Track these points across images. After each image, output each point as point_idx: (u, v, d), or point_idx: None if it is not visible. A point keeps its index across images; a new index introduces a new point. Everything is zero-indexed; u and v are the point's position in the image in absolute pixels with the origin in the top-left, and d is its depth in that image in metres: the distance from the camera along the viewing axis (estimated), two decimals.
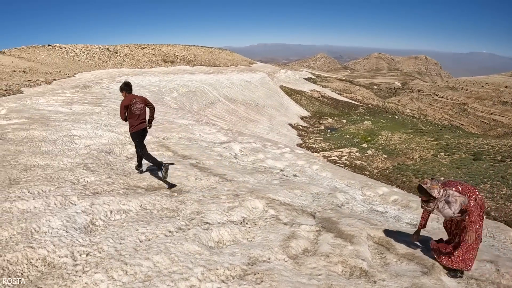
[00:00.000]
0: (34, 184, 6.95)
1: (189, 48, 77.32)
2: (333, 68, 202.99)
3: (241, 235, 5.41)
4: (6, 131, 11.09)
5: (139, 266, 4.22)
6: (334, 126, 53.03)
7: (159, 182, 7.83)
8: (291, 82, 78.71)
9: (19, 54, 35.47)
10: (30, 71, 28.62)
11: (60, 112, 16.33)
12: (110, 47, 51.87)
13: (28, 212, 5.70)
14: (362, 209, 7.19)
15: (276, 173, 9.65)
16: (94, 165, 8.89)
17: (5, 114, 14.44)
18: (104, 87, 28.74)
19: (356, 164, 32.88)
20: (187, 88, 37.59)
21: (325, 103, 70.36)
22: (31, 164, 8.36)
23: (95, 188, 7.13)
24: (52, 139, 10.79)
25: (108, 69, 38.81)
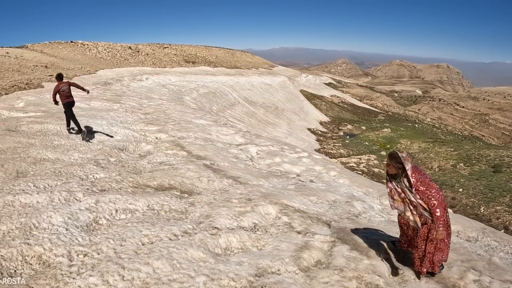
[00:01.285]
0: (41, 178, 6.80)
1: (211, 49, 77.55)
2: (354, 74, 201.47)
3: (251, 242, 5.10)
4: (21, 124, 11.06)
5: (137, 271, 3.95)
6: (353, 132, 52.50)
7: (170, 182, 7.60)
8: (311, 87, 78.23)
9: (42, 50, 36.07)
10: (52, 66, 28.98)
11: (78, 107, 16.33)
12: (132, 45, 52.32)
13: (30, 206, 5.51)
14: (380, 219, 6.79)
15: (292, 178, 9.33)
16: (105, 161, 8.73)
17: (23, 107, 14.51)
18: (124, 85, 28.94)
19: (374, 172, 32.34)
20: (207, 89, 37.55)
21: (345, 109, 69.53)
22: (41, 158, 8.24)
23: (103, 185, 6.93)
24: (65, 134, 10.72)
25: (129, 67, 39.09)
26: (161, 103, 22.00)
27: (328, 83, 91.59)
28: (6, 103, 15.36)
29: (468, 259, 5.18)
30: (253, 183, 8.06)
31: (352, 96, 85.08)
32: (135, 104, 19.86)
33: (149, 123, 14.19)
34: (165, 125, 14.23)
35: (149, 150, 10.51)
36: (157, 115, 16.67)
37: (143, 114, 16.53)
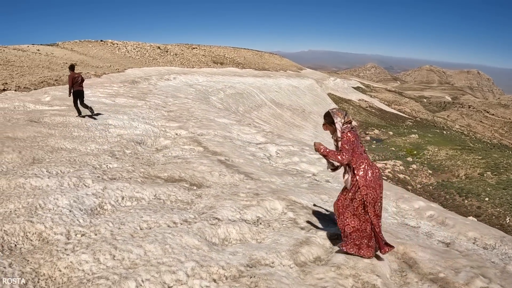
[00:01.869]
0: (55, 165, 7.09)
1: (239, 51, 78.22)
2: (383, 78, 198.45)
3: (251, 235, 5.14)
4: (44, 116, 11.55)
5: (128, 252, 4.08)
6: (380, 137, 51.79)
7: (181, 174, 7.75)
8: (339, 90, 77.65)
9: (72, 48, 37.44)
10: (81, 64, 30.06)
11: (102, 103, 16.90)
12: (161, 45, 53.48)
13: (39, 189, 5.78)
14: (392, 221, 6.69)
15: (307, 177, 9.32)
16: (120, 153, 9.00)
17: (49, 101, 15.12)
18: (151, 84, 29.58)
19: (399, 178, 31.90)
20: (234, 89, 37.89)
21: (373, 114, 68.59)
22: (58, 147, 8.59)
23: (114, 174, 7.16)
24: (86, 126, 11.11)
25: (157, 67, 39.99)
26: (186, 102, 22.38)
27: (356, 87, 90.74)
28: (34, 97, 16.04)
29: (479, 265, 5.03)
30: (265, 179, 8.12)
31: (380, 101, 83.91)
32: (160, 102, 20.29)
33: (170, 120, 14.48)
34: (187, 122, 14.48)
35: (166, 145, 10.74)
36: (180, 113, 16.97)
37: (167, 112, 16.88)
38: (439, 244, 5.74)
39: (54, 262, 3.83)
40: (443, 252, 5.12)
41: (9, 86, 19.65)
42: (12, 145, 7.93)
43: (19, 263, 3.78)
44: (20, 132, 9.15)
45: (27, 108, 13.45)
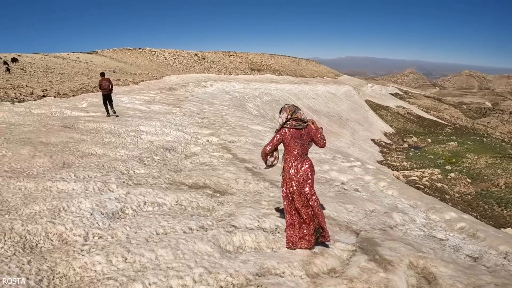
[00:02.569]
0: (83, 170, 7.50)
1: (276, 58, 78.87)
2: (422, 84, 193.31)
3: (267, 243, 5.23)
4: (78, 122, 12.17)
5: (140, 256, 4.28)
6: (418, 145, 50.66)
7: (205, 181, 7.96)
8: (377, 97, 76.49)
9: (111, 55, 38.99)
10: (120, 71, 31.29)
11: (137, 109, 17.57)
12: (198, 53, 54.71)
13: (65, 192, 6.15)
14: (418, 233, 6.57)
15: (335, 185, 9.30)
16: (149, 159, 9.35)
17: (85, 107, 15.89)
18: (188, 90, 30.36)
19: (436, 186, 31.10)
20: (270, 96, 38.19)
21: (411, 121, 67.01)
22: (89, 152, 9.06)
23: (139, 180, 7.47)
24: (118, 133, 11.60)
25: (195, 74, 40.96)
26: (221, 109, 22.81)
27: (394, 94, 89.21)
28: (71, 103, 16.90)
29: (505, 283, 4.86)
30: None
31: (419, 107, 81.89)
32: (195, 108, 20.81)
33: (203, 127, 14.83)
34: (219, 129, 14.78)
35: (196, 152, 11.03)
36: (214, 120, 17.33)
37: (200, 119, 17.29)
38: (466, 259, 5.59)
39: (69, 262, 4.10)
40: (467, 268, 4.99)
41: (48, 93, 20.77)
42: (44, 150, 8.45)
43: (38, 261, 4.08)
44: (53, 137, 9.72)
45: (64, 114, 14.21)
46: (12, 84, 21.19)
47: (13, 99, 18.75)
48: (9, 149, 8.34)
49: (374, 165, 25.11)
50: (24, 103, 16.97)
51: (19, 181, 6.48)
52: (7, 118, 12.15)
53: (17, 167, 7.31)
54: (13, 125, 11.23)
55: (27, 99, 19.10)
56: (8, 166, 7.25)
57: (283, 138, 4.82)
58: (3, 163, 7.38)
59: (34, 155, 8.05)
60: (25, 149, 8.39)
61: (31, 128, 10.77)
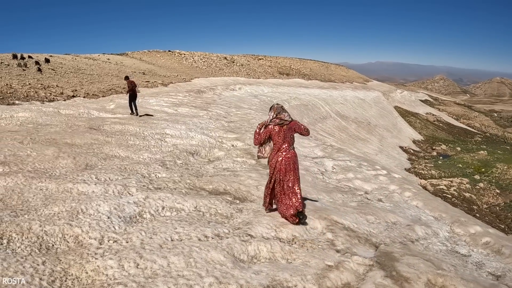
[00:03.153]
0: (104, 172, 7.69)
1: (305, 62, 78.98)
2: (452, 91, 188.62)
3: (282, 254, 5.22)
4: (105, 123, 12.49)
5: (152, 262, 4.36)
6: (447, 153, 49.56)
7: (226, 187, 8.02)
8: (406, 103, 75.29)
9: (141, 57, 39.85)
10: (149, 73, 31.91)
11: (164, 112, 17.88)
12: (227, 56, 55.23)
13: (84, 194, 6.33)
14: (440, 248, 6.41)
15: (359, 195, 9.20)
16: (171, 163, 9.49)
17: (112, 109, 16.29)
18: (216, 94, 30.63)
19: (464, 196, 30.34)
20: (299, 101, 38.13)
21: (440, 128, 65.52)
22: (112, 154, 9.28)
23: (159, 184, 7.60)
24: (143, 135, 11.84)
25: (223, 77, 41.32)
26: (249, 113, 22.91)
27: (424, 100, 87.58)
28: (99, 104, 17.36)
29: None
30: (311, 196, 8.15)
31: (449, 115, 80.00)
32: (222, 112, 20.99)
33: (229, 131, 14.94)
34: (245, 133, 14.85)
35: (219, 157, 11.12)
36: (240, 124, 17.42)
37: (227, 122, 17.42)
38: (488, 277, 5.42)
39: (82, 264, 4.22)
40: (489, 287, 4.85)
41: (78, 93, 21.40)
42: (68, 151, 8.72)
43: (52, 262, 4.22)
44: (78, 138, 10.03)
45: (91, 115, 14.62)
46: (43, 84, 21.95)
47: (43, 98, 19.42)
48: (34, 149, 8.65)
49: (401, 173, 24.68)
50: (54, 103, 17.55)
51: (41, 181, 6.70)
52: (35, 118, 12.60)
53: (40, 167, 7.57)
54: (40, 125, 11.65)
55: (57, 99, 19.74)
56: (32, 166, 7.52)
57: (270, 133, 6.09)
58: (27, 163, 7.66)
59: (58, 156, 8.32)
60: (50, 149, 8.68)
61: (57, 129, 11.14)
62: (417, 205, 8.84)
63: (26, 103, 17.62)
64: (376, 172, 11.62)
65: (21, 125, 11.51)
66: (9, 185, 6.34)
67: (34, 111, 13.65)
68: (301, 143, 15.51)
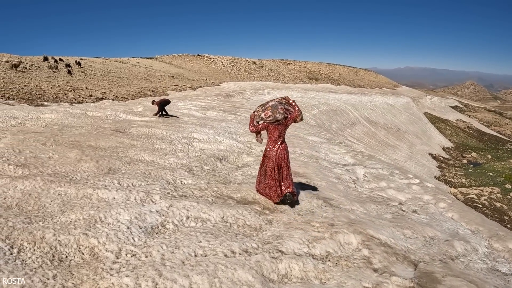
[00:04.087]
0: (128, 177, 7.35)
1: (334, 67, 78.24)
2: (482, 97, 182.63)
3: (315, 273, 4.71)
4: (131, 126, 12.24)
5: (172, 281, 3.92)
6: (477, 161, 47.88)
7: (255, 196, 7.57)
8: (436, 109, 73.27)
9: (170, 61, 40.03)
10: (178, 77, 31.90)
11: (192, 115, 17.61)
12: (256, 60, 55.12)
13: (104, 201, 5.98)
14: (481, 266, 5.76)
15: (393, 206, 8.63)
16: (198, 168, 9.10)
17: (140, 111, 16.11)
18: (245, 98, 30.36)
19: (495, 206, 29.07)
20: (328, 106, 37.53)
21: (471, 135, 63.37)
22: (137, 159, 8.96)
23: (185, 191, 7.20)
24: (169, 139, 11.52)
25: (252, 81, 41.10)
26: None
27: (454, 106, 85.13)
28: (127, 107, 17.24)
29: None
30: (345, 207, 7.62)
31: (479, 122, 77.32)
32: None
33: None
34: None
35: (248, 162, 10.69)
36: None
37: None
38: None
39: (96, 281, 3.83)
40: None
41: (107, 95, 21.43)
42: (91, 154, 8.44)
43: (64, 276, 3.86)
44: (103, 141, 9.76)
45: (118, 118, 14.44)
46: (72, 86, 22.10)
47: (72, 100, 19.51)
48: (57, 151, 8.42)
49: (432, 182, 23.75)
50: (82, 105, 17.56)
51: (60, 186, 6.41)
52: (61, 119, 12.48)
53: (61, 170, 7.31)
54: (65, 126, 11.49)
55: (86, 101, 19.80)
56: (52, 169, 7.26)
57: (266, 128, 6.94)
58: (48, 166, 7.40)
59: (81, 159, 8.05)
60: (73, 152, 8.43)
61: (82, 131, 10.94)
62: (453, 217, 8.24)
63: (54, 104, 17.70)
64: (409, 181, 11.04)
65: (46, 126, 11.37)
66: (26, 189, 6.06)
67: (60, 112, 13.57)
68: (331, 149, 14.94)
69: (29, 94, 19.09)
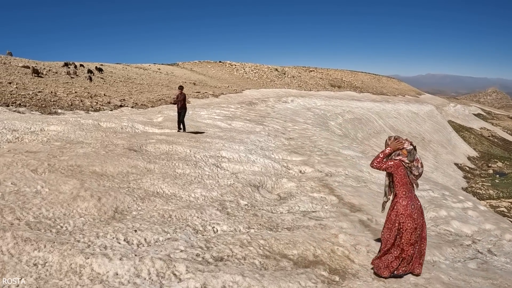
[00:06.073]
0: (139, 226, 4.90)
1: (356, 74, 75.52)
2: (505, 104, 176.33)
3: None
4: (149, 142, 9.84)
5: None
6: (503, 170, 45.11)
7: (316, 252, 5.12)
8: (459, 118, 69.84)
9: (191, 68, 37.94)
10: (199, 84, 29.71)
11: (217, 126, 15.22)
12: (278, 67, 52.90)
13: (100, 281, 3.53)
14: None
15: (467, 245, 6.37)
16: (233, 204, 6.66)
17: (160, 122, 13.73)
18: (269, 106, 27.99)
19: None
20: (352, 114, 35.05)
21: (495, 144, 59.92)
22: (153, 191, 6.51)
23: (220, 249, 4.74)
24: (194, 160, 9.08)
25: (274, 89, 38.78)
26: (306, 128, 20.04)
27: (477, 114, 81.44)
28: (146, 116, 14.91)
29: None
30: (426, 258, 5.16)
31: (503, 130, 73.67)
32: (279, 127, 18.19)
33: (292, 152, 12.11)
34: (311, 155, 11.96)
35: (291, 191, 8.22)
36: (302, 142, 14.58)
37: (287, 140, 14.60)
38: None
39: None
40: None
41: (126, 103, 19.20)
42: (93, 187, 6.00)
43: None
44: (111, 165, 7.32)
45: (135, 130, 12.07)
46: (90, 93, 19.93)
47: (88, 108, 17.32)
48: (48, 182, 6.02)
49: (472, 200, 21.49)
50: (97, 113, 15.35)
51: (39, 248, 4.01)
52: (67, 133, 10.12)
53: (47, 216, 4.90)
54: (69, 143, 9.09)
55: (103, 109, 17.60)
56: (34, 215, 4.85)
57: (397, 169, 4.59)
58: (30, 209, 4.99)
59: (78, 195, 5.63)
60: (69, 184, 6.02)
61: (88, 150, 8.52)
62: None
63: (69, 112, 15.52)
64: (462, 204, 9.17)
65: (46, 142, 9.01)
66: None
67: (69, 123, 11.25)
68: (365, 165, 12.35)
69: (43, 101, 16.96)
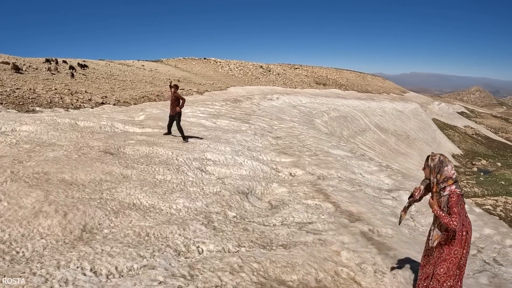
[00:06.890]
0: (109, 250, 4.02)
1: (341, 72, 75.14)
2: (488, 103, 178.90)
3: None
4: (128, 143, 8.89)
5: None
6: (487, 168, 45.58)
7: (318, 276, 4.36)
8: (444, 116, 70.21)
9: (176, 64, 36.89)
10: (184, 81, 28.71)
11: (201, 125, 14.30)
12: (263, 65, 52.13)
13: None
14: None
15: (473, 255, 5.78)
16: (220, 216, 5.80)
17: (142, 120, 12.75)
18: (254, 103, 27.18)
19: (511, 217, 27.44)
20: (338, 112, 34.50)
21: (479, 142, 60.43)
22: (129, 203, 5.60)
23: (207, 278, 3.90)
24: (176, 163, 8.18)
25: (260, 86, 37.99)
26: (293, 126, 19.27)
27: (460, 112, 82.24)
28: (128, 114, 13.89)
29: None
30: None
31: (487, 128, 74.52)
32: (265, 125, 17.37)
33: (281, 152, 11.32)
34: (300, 156, 11.19)
35: (283, 197, 7.41)
36: (290, 141, 13.79)
37: (274, 139, 13.79)
38: None
39: None
40: None
41: (108, 100, 18.13)
42: (59, 199, 5.05)
43: None
44: (83, 172, 6.36)
45: (114, 129, 11.07)
46: (70, 90, 18.75)
47: (68, 105, 16.19)
48: (8, 194, 5.05)
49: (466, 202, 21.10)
50: (77, 111, 14.29)
51: None
52: (40, 133, 9.08)
53: (1, 238, 4.01)
54: (40, 145, 8.06)
55: (84, 106, 16.50)
56: None
57: None
58: None
59: (40, 209, 4.70)
60: (31, 196, 5.07)
61: (60, 153, 7.51)
62: None
63: (47, 110, 14.39)
64: None
65: (15, 145, 7.97)
66: None
67: (44, 122, 10.21)
68: (361, 166, 11.62)
69: (21, 98, 15.76)
